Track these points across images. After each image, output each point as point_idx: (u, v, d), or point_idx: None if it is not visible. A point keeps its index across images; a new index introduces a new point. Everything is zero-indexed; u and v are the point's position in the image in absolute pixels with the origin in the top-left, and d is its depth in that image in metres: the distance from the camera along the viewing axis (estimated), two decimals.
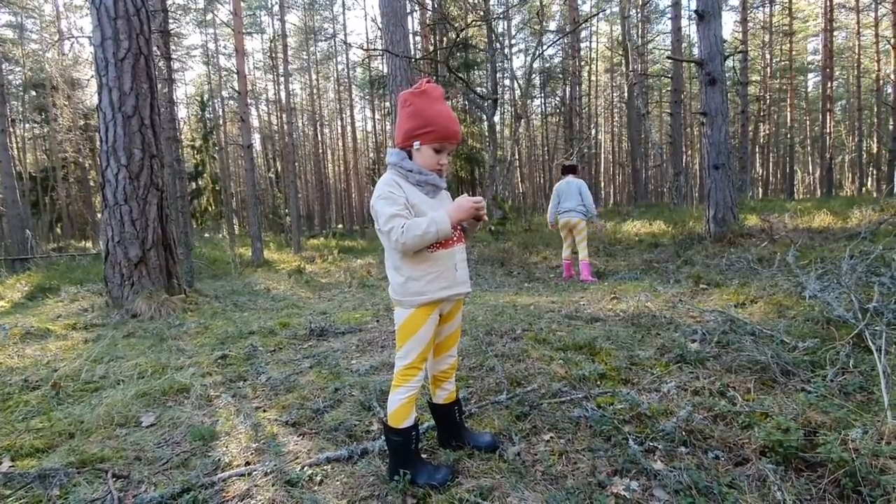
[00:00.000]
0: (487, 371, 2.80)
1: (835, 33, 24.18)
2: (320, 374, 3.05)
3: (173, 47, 23.66)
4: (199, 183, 21.76)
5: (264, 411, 2.57)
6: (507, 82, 25.87)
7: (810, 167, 36.17)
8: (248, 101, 14.54)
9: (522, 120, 22.27)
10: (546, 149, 32.63)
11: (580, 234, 6.28)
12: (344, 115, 34.38)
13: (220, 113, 31.06)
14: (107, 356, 3.71)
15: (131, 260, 5.51)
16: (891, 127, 23.26)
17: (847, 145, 31.44)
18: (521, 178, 28.32)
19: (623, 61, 23.78)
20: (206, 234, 21.85)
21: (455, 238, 1.76)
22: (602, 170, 35.62)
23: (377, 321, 4.46)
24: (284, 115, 22.61)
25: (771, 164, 35.73)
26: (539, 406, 2.30)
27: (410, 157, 1.74)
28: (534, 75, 23.54)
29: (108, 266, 5.61)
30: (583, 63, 26.23)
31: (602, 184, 35.23)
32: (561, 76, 26.19)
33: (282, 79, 23.02)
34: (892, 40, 19.24)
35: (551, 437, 2.02)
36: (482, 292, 5.84)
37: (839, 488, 1.45)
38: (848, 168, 34.13)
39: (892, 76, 20.54)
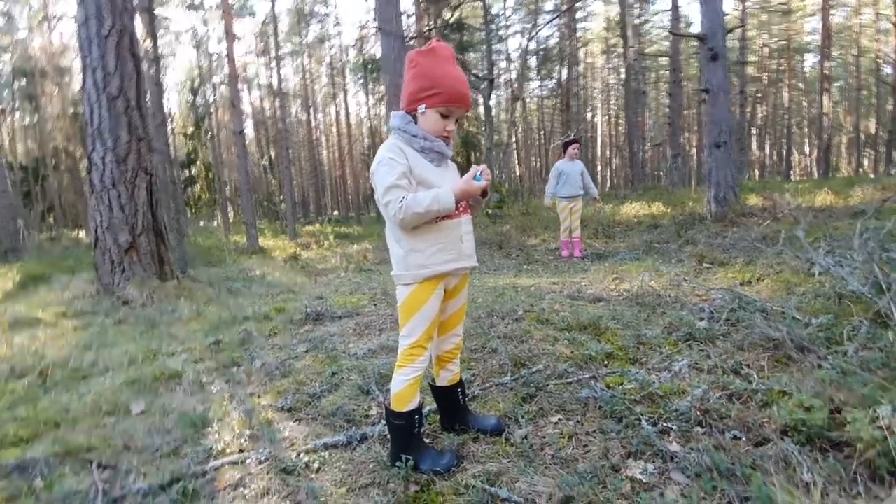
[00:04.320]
0: (490, 353, 2.71)
1: (834, 12, 23.83)
2: (317, 358, 2.95)
3: (162, 31, 23.17)
4: (193, 171, 21.52)
5: (259, 397, 2.47)
6: (503, 64, 25.52)
7: (807, 148, 36.03)
8: (240, 85, 14.26)
9: (519, 102, 22.01)
10: (542, 132, 32.37)
11: None
12: (337, 100, 33.92)
13: (212, 99, 30.59)
14: (96, 343, 3.61)
15: (121, 246, 5.37)
16: (889, 107, 23.12)
17: (844, 126, 31.27)
18: (518, 161, 28.10)
19: (621, 41, 23.43)
20: (201, 223, 21.66)
21: (461, 209, 1.64)
22: (599, 153, 35.42)
23: (374, 305, 4.35)
24: (277, 100, 22.25)
25: (767, 145, 35.55)
26: (545, 387, 2.20)
27: (416, 122, 1.62)
28: (530, 55, 23.18)
29: (97, 253, 5.46)
30: (579, 44, 25.87)
31: (599, 167, 35.07)
32: (557, 58, 25.82)
33: (274, 63, 22.62)
34: (893, 18, 19.00)
35: (559, 419, 1.93)
36: (481, 275, 5.74)
37: (871, 469, 1.36)
38: (844, 149, 34.00)
39: (892, 55, 20.32)
